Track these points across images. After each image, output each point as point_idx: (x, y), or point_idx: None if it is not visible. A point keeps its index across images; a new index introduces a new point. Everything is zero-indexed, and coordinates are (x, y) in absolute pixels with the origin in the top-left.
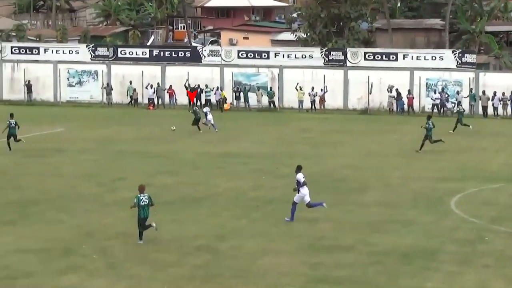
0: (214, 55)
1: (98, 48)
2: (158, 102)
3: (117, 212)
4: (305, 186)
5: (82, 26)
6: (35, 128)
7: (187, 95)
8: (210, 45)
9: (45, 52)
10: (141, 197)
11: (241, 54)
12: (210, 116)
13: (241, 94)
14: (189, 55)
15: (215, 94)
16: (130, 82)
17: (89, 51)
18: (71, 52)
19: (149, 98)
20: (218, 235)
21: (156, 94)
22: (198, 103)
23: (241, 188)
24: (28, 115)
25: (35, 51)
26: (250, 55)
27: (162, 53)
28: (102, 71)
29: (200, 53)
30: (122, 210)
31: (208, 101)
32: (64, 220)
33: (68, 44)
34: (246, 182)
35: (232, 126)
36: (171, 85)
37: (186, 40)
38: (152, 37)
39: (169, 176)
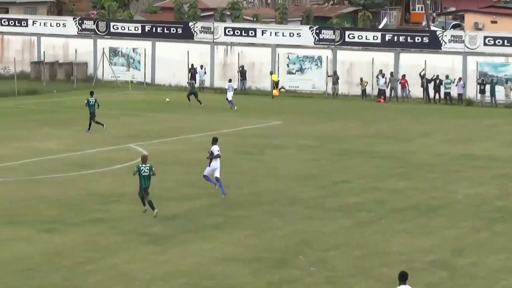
0: (456, 41)
1: (322, 31)
2: (390, 94)
3: (340, 219)
4: (218, 159)
5: (304, 6)
6: (249, 120)
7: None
8: (451, 29)
9: (262, 34)
10: (141, 167)
11: (488, 41)
12: (230, 94)
13: (487, 87)
14: (427, 40)
15: (456, 86)
16: (381, 71)
17: (312, 34)
18: (291, 35)
19: (379, 89)
20: (455, 249)
21: (389, 84)
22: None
23: (484, 196)
24: (241, 105)
25: (251, 33)
26: (499, 42)
27: (396, 37)
28: (327, 57)
29: (440, 38)
30: (345, 217)
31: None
32: (279, 227)
33: (288, 26)
34: (490, 189)
35: (474, 123)
36: (404, 75)
37: (424, 23)
38: (385, 19)
39: (401, 180)
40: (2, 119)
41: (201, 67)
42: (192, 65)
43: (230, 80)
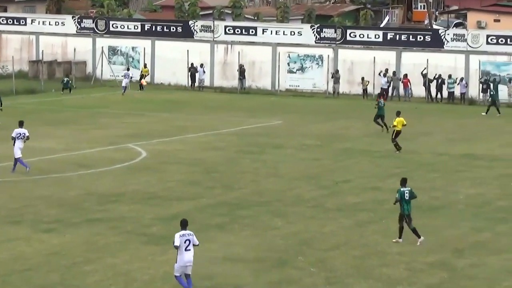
0: (458, 40)
1: (323, 30)
2: (392, 93)
3: (340, 219)
4: (21, 140)
5: (306, 4)
6: (249, 120)
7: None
8: (454, 28)
9: (263, 33)
10: None
11: (491, 40)
12: (126, 81)
13: (490, 86)
14: (429, 39)
15: (458, 85)
16: (387, 70)
17: (313, 32)
18: (292, 33)
19: (381, 88)
20: (456, 249)
21: (391, 84)
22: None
23: (485, 196)
24: (241, 104)
25: (252, 32)
26: (501, 41)
27: (397, 36)
28: (328, 56)
29: (442, 37)
30: (345, 217)
31: (452, 94)
32: (279, 226)
33: (289, 24)
34: (491, 189)
35: (476, 123)
36: (406, 74)
37: (426, 21)
38: (387, 18)
39: None
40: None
41: (201, 66)
42: (192, 64)
43: (128, 69)
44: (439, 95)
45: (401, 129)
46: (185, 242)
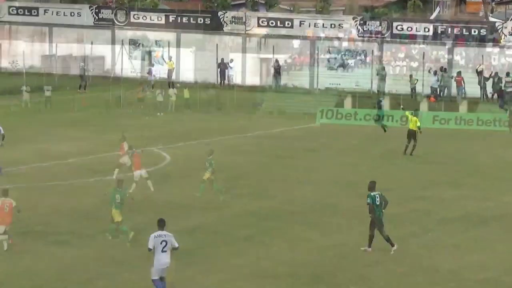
0: None
1: (367, 22)
2: (443, 93)
3: None
4: None
5: None
6: (284, 121)
7: None
8: None
9: (300, 26)
10: None
11: None
12: (150, 78)
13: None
14: (485, 33)
15: None
16: (441, 69)
17: (356, 25)
18: (333, 26)
19: (431, 87)
20: (509, 267)
21: (441, 82)
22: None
23: None
24: (275, 104)
25: (288, 24)
26: None
27: (449, 29)
28: (372, 51)
29: (499, 30)
30: (388, 229)
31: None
32: (314, 239)
33: (330, 16)
34: None
35: None
36: (459, 72)
37: (481, 13)
38: (438, 9)
39: (449, 187)
40: (9, 119)
41: (231, 61)
42: (222, 59)
43: (152, 65)
44: (495, 95)
45: (415, 130)
46: (161, 243)
